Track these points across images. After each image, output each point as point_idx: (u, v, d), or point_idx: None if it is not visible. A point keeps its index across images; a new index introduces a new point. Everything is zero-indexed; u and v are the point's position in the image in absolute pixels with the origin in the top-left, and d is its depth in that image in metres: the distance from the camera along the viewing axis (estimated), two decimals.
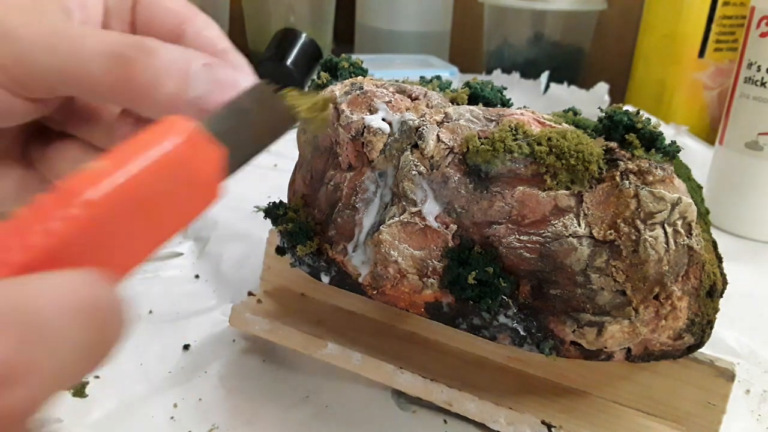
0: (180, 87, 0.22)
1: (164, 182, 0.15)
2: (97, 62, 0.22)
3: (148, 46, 0.22)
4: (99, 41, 0.22)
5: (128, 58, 0.22)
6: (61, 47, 0.22)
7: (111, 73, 0.22)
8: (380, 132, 0.30)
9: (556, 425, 0.31)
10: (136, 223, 0.15)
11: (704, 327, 0.30)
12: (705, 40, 0.76)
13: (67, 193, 0.14)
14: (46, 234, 0.13)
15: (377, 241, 0.29)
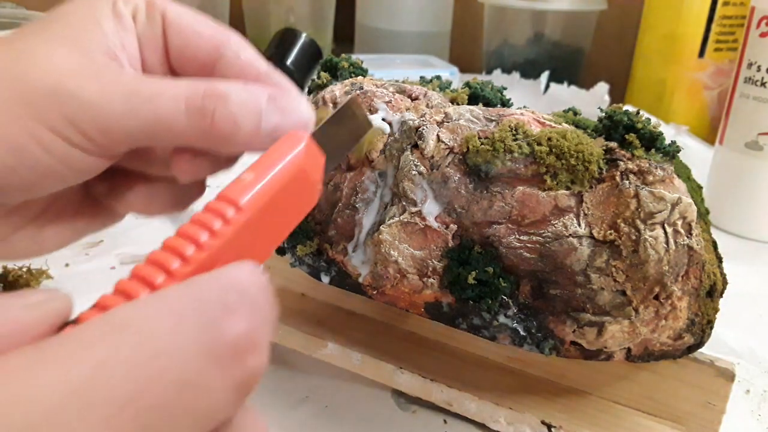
0: (255, 125, 0.24)
1: (292, 187, 0.19)
2: (177, 119, 0.23)
3: (221, 93, 0.23)
4: (175, 96, 0.23)
5: (206, 110, 0.23)
6: (141, 110, 0.23)
7: (192, 126, 0.23)
8: (380, 132, 0.30)
9: (556, 425, 0.31)
10: (272, 221, 0.18)
11: (704, 327, 0.30)
12: (705, 40, 0.76)
13: (225, 201, 0.17)
14: (213, 235, 0.16)
15: (377, 241, 0.29)
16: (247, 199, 0.17)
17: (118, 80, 0.24)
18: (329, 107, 0.31)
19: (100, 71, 0.24)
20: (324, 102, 0.32)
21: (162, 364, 0.12)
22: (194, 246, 0.16)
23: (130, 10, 0.27)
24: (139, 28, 0.27)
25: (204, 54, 0.27)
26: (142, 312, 0.13)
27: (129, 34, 0.26)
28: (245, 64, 0.27)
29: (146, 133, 0.23)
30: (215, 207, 0.17)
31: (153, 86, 0.24)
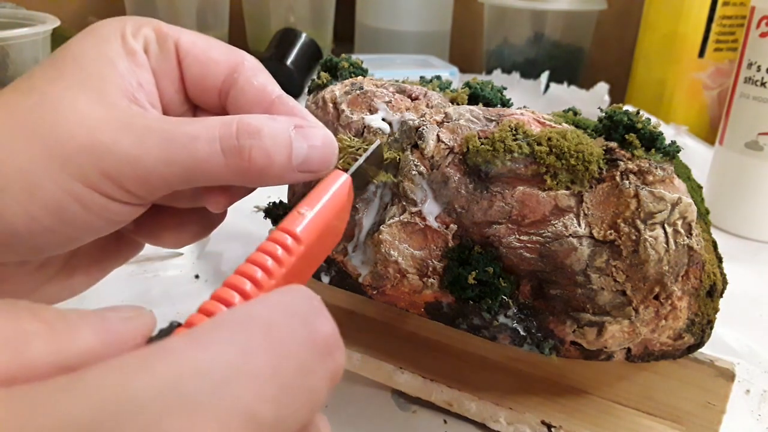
0: (287, 157, 0.24)
1: (335, 217, 0.21)
2: (215, 160, 0.23)
3: (254, 129, 0.24)
4: (210, 138, 0.23)
5: (243, 149, 0.23)
6: (179, 157, 0.23)
7: (229, 165, 0.24)
8: (380, 132, 0.30)
9: (556, 425, 0.31)
10: (319, 248, 0.21)
11: (704, 327, 0.30)
12: (705, 40, 0.76)
13: (285, 232, 0.19)
14: (276, 259, 0.18)
15: (377, 241, 0.29)
16: (304, 231, 0.19)
17: (151, 128, 0.23)
18: (330, 106, 0.31)
19: (130, 120, 0.24)
20: (324, 102, 0.32)
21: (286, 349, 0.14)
22: (263, 271, 0.18)
23: (141, 43, 0.26)
24: (152, 61, 0.27)
25: (219, 80, 0.27)
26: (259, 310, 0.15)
27: (144, 70, 0.26)
28: (259, 89, 0.27)
29: (184, 177, 0.24)
30: (278, 238, 0.19)
31: (187, 130, 0.24)
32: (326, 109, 0.31)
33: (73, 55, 0.25)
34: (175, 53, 0.27)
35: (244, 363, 0.14)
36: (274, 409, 0.14)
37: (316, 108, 0.32)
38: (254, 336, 0.14)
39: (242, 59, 0.27)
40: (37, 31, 0.59)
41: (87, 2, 1.04)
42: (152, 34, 0.27)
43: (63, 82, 0.24)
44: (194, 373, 0.13)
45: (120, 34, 0.26)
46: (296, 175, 0.25)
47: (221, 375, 0.13)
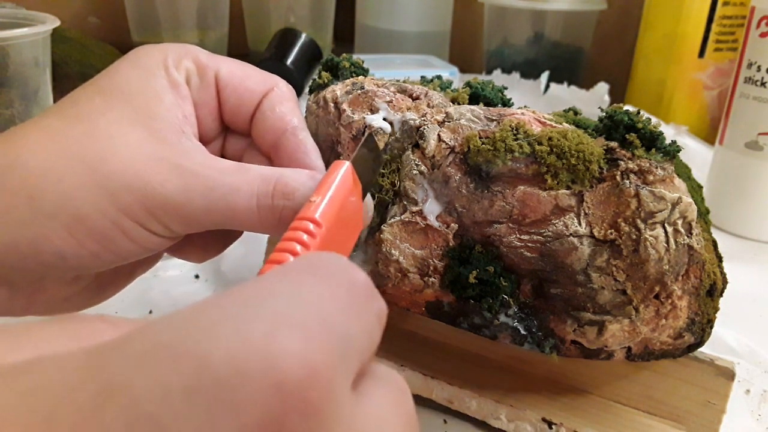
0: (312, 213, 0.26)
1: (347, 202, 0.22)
2: (250, 214, 0.25)
3: (290, 189, 0.25)
4: (249, 194, 0.25)
5: (276, 208, 0.25)
6: (218, 207, 0.25)
7: (261, 220, 0.25)
8: (381, 131, 0.30)
9: (557, 422, 0.31)
10: (341, 233, 0.22)
11: (704, 326, 0.30)
12: (705, 40, 0.76)
13: (304, 219, 0.20)
14: (301, 243, 0.20)
15: (378, 241, 0.29)
16: (321, 216, 0.21)
17: (197, 174, 0.25)
18: (331, 106, 0.31)
19: (177, 161, 0.25)
20: (325, 102, 0.32)
21: (350, 290, 0.15)
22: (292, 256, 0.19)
23: (184, 75, 0.27)
24: (193, 92, 0.28)
25: (252, 107, 0.29)
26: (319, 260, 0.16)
27: (187, 102, 0.27)
28: (277, 117, 0.28)
29: (220, 223, 0.25)
30: (300, 226, 0.20)
31: (229, 181, 0.25)
32: (327, 109, 0.32)
33: (119, 86, 0.26)
34: (215, 85, 0.28)
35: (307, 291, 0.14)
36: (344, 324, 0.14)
37: (317, 107, 0.32)
38: (326, 280, 0.15)
39: (274, 86, 0.29)
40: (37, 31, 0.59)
41: (87, 2, 1.04)
42: (193, 66, 0.28)
43: (112, 114, 0.25)
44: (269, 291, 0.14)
45: (163, 65, 0.27)
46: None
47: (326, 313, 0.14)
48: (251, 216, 0.25)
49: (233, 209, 0.25)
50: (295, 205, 0.25)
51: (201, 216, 0.25)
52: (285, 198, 0.25)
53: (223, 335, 0.12)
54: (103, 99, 0.25)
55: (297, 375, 0.12)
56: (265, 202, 0.25)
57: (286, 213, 0.25)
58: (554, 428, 0.31)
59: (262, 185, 0.25)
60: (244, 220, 0.25)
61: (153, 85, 0.26)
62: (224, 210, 0.25)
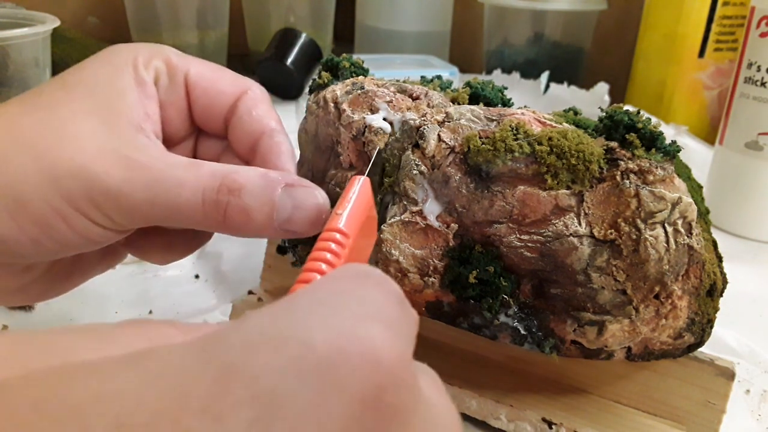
0: (268, 216, 0.25)
1: (367, 214, 0.23)
2: (194, 209, 0.24)
3: (236, 185, 0.25)
4: (194, 188, 0.24)
5: (220, 203, 0.24)
6: (161, 199, 0.24)
7: (207, 217, 0.25)
8: (381, 131, 0.30)
9: (557, 422, 0.31)
10: (362, 243, 0.23)
11: (704, 326, 0.30)
12: (705, 40, 0.76)
13: (333, 230, 0.21)
14: (332, 252, 0.20)
15: (378, 240, 0.29)
16: (347, 226, 0.21)
17: (144, 166, 0.24)
18: (331, 106, 0.31)
19: (127, 152, 0.25)
20: (325, 101, 0.32)
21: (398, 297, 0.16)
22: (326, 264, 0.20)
23: (152, 74, 0.27)
24: (162, 93, 0.28)
25: (225, 109, 0.28)
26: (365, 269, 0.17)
27: (151, 101, 0.27)
28: (255, 120, 0.28)
29: (164, 218, 0.25)
30: (329, 237, 0.21)
31: (176, 174, 0.25)
32: (327, 109, 0.32)
33: (84, 80, 0.26)
34: (184, 85, 0.28)
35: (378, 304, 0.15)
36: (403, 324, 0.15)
37: (317, 107, 0.32)
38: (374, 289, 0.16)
39: (247, 89, 0.29)
40: (37, 31, 0.59)
41: (87, 2, 1.04)
42: (163, 66, 0.28)
43: (71, 105, 0.25)
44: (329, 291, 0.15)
45: (132, 64, 0.27)
46: (279, 232, 0.25)
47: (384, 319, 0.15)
48: (196, 211, 0.25)
49: (177, 203, 0.24)
50: (242, 203, 0.25)
51: (144, 208, 0.24)
52: (230, 194, 0.24)
53: (318, 323, 0.13)
54: (66, 92, 0.25)
55: (390, 356, 0.13)
56: (210, 197, 0.24)
57: (232, 210, 0.25)
58: (554, 428, 0.31)
59: (209, 180, 0.25)
60: (188, 215, 0.25)
61: (118, 81, 0.26)
62: (167, 203, 0.24)
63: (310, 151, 0.34)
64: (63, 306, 0.42)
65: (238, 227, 0.25)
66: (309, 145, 0.34)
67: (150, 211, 0.24)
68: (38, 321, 0.41)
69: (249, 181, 0.25)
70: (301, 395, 0.12)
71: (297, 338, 0.13)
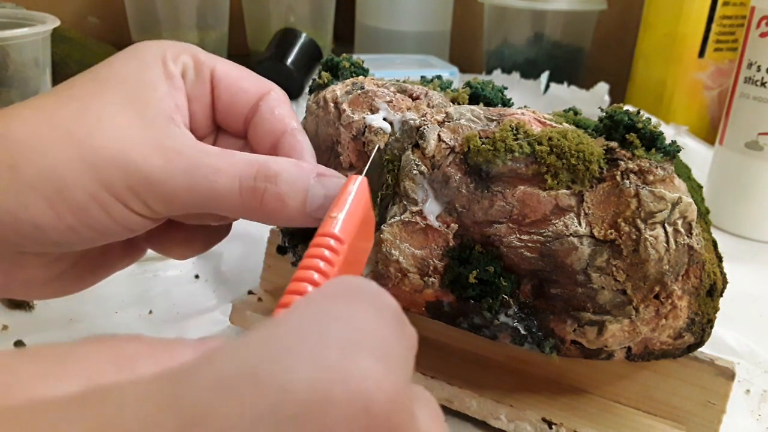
0: (301, 203, 0.26)
1: (364, 216, 0.23)
2: (231, 196, 0.25)
3: (273, 173, 0.25)
4: (231, 175, 0.25)
5: (257, 190, 0.25)
6: (199, 186, 0.25)
7: (243, 203, 0.25)
8: (381, 131, 0.30)
9: (557, 422, 0.31)
10: (358, 247, 0.22)
11: (704, 326, 0.30)
12: (705, 40, 0.76)
13: (326, 235, 0.20)
14: (325, 260, 0.20)
15: (378, 240, 0.29)
16: (342, 231, 0.21)
17: (180, 153, 0.25)
18: (331, 106, 0.31)
19: (162, 141, 0.25)
20: (325, 101, 0.32)
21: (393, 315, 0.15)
22: (318, 273, 0.19)
23: (180, 68, 0.28)
24: (188, 86, 0.28)
25: (247, 108, 0.29)
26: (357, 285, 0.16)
27: (180, 93, 0.28)
28: (277, 119, 0.28)
29: (201, 205, 0.25)
30: (322, 243, 0.20)
31: (212, 162, 0.25)
32: (327, 109, 0.32)
33: (116, 74, 0.26)
34: (210, 81, 0.29)
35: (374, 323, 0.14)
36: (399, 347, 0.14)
37: (317, 107, 0.32)
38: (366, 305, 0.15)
39: (270, 89, 0.29)
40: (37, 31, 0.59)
41: (87, 2, 1.04)
42: (191, 61, 0.28)
43: (104, 97, 0.25)
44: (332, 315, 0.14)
45: (161, 59, 0.27)
46: (309, 220, 0.26)
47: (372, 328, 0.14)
48: (233, 198, 0.25)
49: (215, 189, 0.25)
50: (279, 190, 0.25)
51: (182, 195, 0.25)
52: (267, 180, 0.25)
53: (299, 361, 0.12)
54: (98, 84, 0.26)
55: (381, 399, 0.12)
56: (248, 184, 0.25)
57: (269, 197, 0.25)
58: (554, 428, 0.31)
59: (245, 168, 0.25)
60: (226, 201, 0.25)
61: (148, 74, 0.27)
62: (206, 189, 0.25)
63: None
64: (63, 306, 0.42)
65: (272, 214, 0.25)
66: None
67: (188, 198, 0.25)
68: (38, 321, 0.41)
69: (284, 169, 0.25)
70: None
71: (274, 380, 0.12)
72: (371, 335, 0.14)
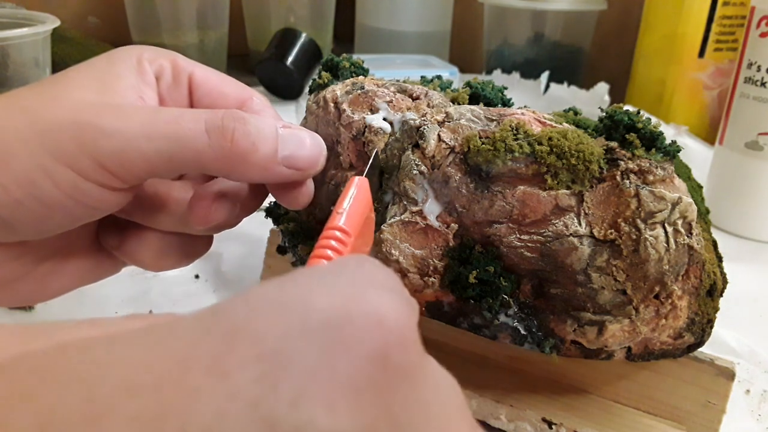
0: (273, 148, 0.25)
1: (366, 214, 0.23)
2: (198, 138, 0.24)
3: (239, 115, 0.24)
4: (195, 118, 0.24)
5: (227, 128, 0.24)
6: (160, 131, 0.23)
7: (212, 146, 0.24)
8: (381, 131, 0.30)
9: (557, 422, 0.31)
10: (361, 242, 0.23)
11: (704, 326, 0.30)
12: (705, 40, 0.76)
13: (334, 228, 0.21)
14: (334, 250, 0.20)
15: (378, 240, 0.29)
16: (348, 224, 0.21)
17: (138, 109, 0.24)
18: (331, 105, 0.31)
19: (119, 105, 0.24)
20: (325, 101, 0.32)
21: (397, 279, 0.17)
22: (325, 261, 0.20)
23: (155, 69, 0.28)
24: (163, 88, 0.28)
25: None
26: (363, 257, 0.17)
27: (150, 89, 0.27)
28: None
29: (165, 156, 0.23)
30: (330, 235, 0.21)
31: (172, 110, 0.24)
32: (327, 109, 0.32)
33: (87, 66, 0.26)
34: (188, 86, 0.28)
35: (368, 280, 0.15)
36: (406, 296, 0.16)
37: (317, 107, 0.32)
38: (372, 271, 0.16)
39: (251, 96, 0.29)
40: (37, 31, 0.59)
41: (87, 2, 1.04)
42: (168, 65, 0.28)
43: (68, 81, 0.25)
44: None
45: (136, 58, 0.27)
46: (282, 169, 0.25)
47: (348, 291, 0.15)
48: (200, 141, 0.23)
49: (179, 134, 0.23)
50: (249, 130, 0.24)
51: (141, 147, 0.23)
52: (236, 120, 0.24)
53: (319, 290, 0.14)
54: (67, 74, 0.26)
55: (393, 316, 0.14)
56: (215, 123, 0.24)
57: (240, 136, 0.24)
58: (554, 428, 0.32)
59: (210, 114, 0.24)
60: (192, 148, 0.23)
61: (118, 66, 0.26)
62: (169, 135, 0.23)
63: None
64: (63, 306, 0.42)
65: (244, 156, 0.24)
66: None
67: (148, 150, 0.23)
68: (38, 321, 0.41)
69: (250, 115, 0.25)
70: (307, 354, 0.13)
71: (299, 302, 0.13)
72: (381, 281, 0.15)
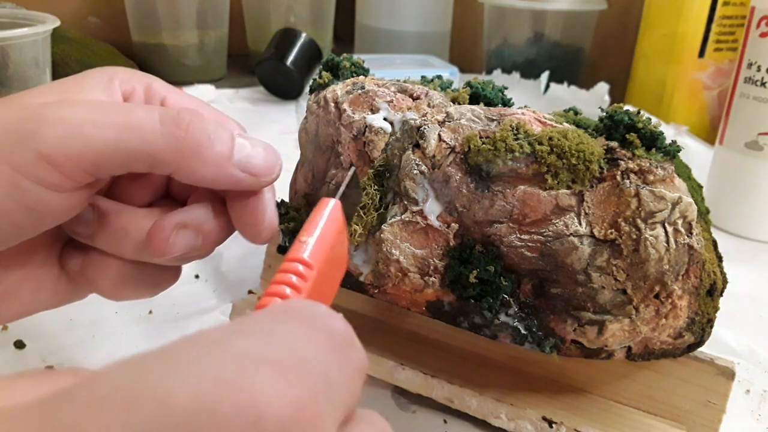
0: (228, 147, 0.24)
1: (336, 240, 0.21)
2: (150, 127, 0.23)
3: (196, 111, 0.24)
4: (148, 109, 0.23)
5: (182, 119, 0.23)
6: (109, 119, 0.22)
7: (166, 134, 0.23)
8: (382, 131, 0.30)
9: (557, 421, 0.31)
10: (329, 273, 0.21)
11: (704, 326, 0.30)
12: (705, 40, 0.76)
13: (294, 260, 0.19)
14: (292, 286, 0.19)
15: (379, 240, 0.29)
16: (312, 256, 0.20)
17: (85, 100, 0.24)
18: (331, 105, 0.31)
19: (66, 99, 0.24)
20: (325, 101, 0.32)
21: (330, 336, 0.15)
22: (280, 299, 0.18)
23: (125, 89, 0.27)
24: None
25: None
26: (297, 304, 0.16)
27: None
28: None
29: (113, 146, 0.22)
30: (290, 268, 0.19)
31: (125, 104, 0.24)
32: (328, 109, 0.32)
33: (55, 81, 0.26)
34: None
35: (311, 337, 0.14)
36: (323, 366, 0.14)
37: (317, 107, 0.32)
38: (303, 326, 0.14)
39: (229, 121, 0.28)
40: (37, 31, 0.59)
41: (87, 2, 1.04)
42: (140, 87, 0.27)
43: (31, 92, 0.25)
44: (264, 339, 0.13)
45: (108, 77, 0.27)
46: (236, 171, 0.24)
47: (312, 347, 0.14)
48: (153, 130, 0.22)
49: (130, 121, 0.22)
50: (204, 125, 0.23)
51: (88, 132, 0.22)
52: (191, 114, 0.23)
53: (189, 374, 0.11)
54: (37, 90, 0.25)
55: (274, 413, 0.11)
56: (169, 114, 0.23)
57: (195, 127, 0.23)
58: (554, 427, 0.32)
59: (164, 109, 0.23)
60: (145, 138, 0.22)
61: (86, 81, 0.26)
62: (119, 123, 0.22)
63: (310, 151, 0.34)
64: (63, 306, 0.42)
65: (199, 150, 0.23)
66: (309, 145, 0.34)
67: (95, 139, 0.22)
68: (38, 321, 0.41)
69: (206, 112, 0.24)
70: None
71: (153, 394, 0.11)
72: (286, 351, 0.13)
